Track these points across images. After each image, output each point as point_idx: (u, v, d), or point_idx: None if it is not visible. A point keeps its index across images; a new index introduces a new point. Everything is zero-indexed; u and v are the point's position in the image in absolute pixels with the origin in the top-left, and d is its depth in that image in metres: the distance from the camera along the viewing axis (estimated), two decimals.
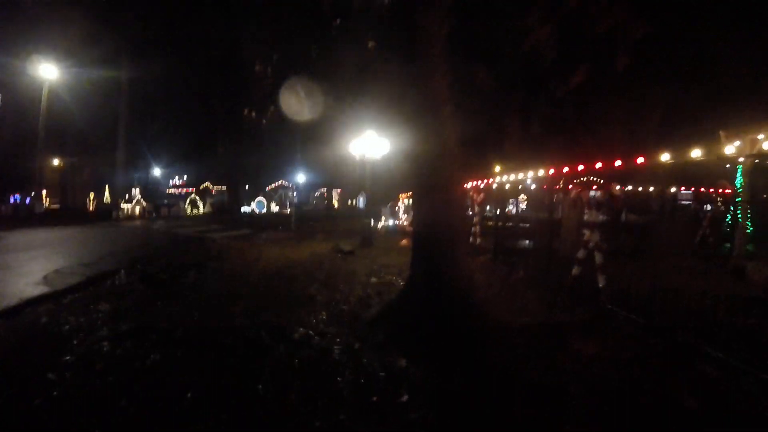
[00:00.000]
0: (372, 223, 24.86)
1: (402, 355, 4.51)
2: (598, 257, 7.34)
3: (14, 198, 43.16)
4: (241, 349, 4.96)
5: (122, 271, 9.98)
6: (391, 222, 23.79)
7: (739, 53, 14.41)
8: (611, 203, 7.92)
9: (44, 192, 43.92)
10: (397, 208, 24.83)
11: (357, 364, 4.42)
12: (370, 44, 10.89)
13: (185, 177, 63.07)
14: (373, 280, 8.58)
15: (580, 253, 7.75)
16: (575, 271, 7.87)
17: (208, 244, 14.90)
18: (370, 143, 13.78)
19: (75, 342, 5.39)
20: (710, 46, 14.38)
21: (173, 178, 62.14)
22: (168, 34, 33.71)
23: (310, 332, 5.40)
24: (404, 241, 16.90)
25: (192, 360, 4.73)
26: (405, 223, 23.69)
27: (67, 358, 4.87)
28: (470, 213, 14.00)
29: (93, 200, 41.01)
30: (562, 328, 5.85)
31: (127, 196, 35.58)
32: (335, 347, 4.87)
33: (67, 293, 7.89)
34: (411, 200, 26.30)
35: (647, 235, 13.35)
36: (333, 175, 54.06)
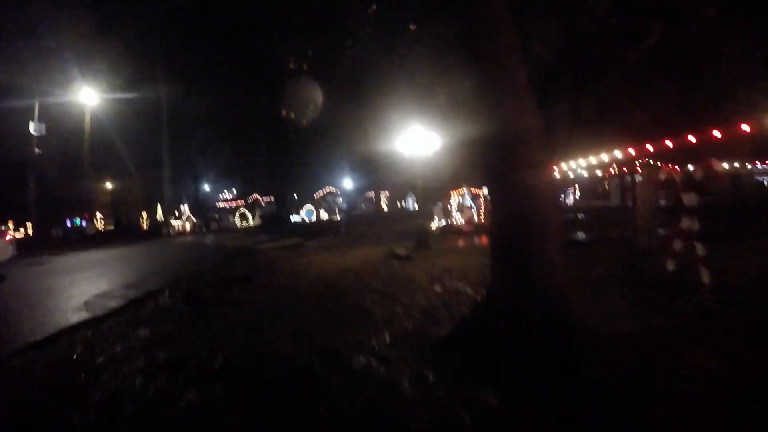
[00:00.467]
0: (425, 224, 24.13)
1: (488, 388, 3.55)
2: (699, 248, 6.19)
3: (71, 221, 45.00)
4: (289, 383, 4.15)
5: (166, 290, 9.48)
6: (443, 221, 22.76)
7: None
8: (704, 183, 6.71)
9: (98, 214, 45.47)
10: (449, 206, 23.76)
11: (433, 402, 3.50)
12: (411, 27, 10.00)
13: (234, 191, 63.96)
14: (437, 288, 7.63)
15: (677, 245, 6.60)
16: (671, 265, 6.72)
17: (256, 256, 14.36)
18: (418, 138, 12.86)
19: (107, 376, 4.78)
20: None
21: (222, 192, 63.12)
22: (203, 47, 34.08)
23: (371, 358, 4.52)
24: (461, 241, 15.91)
25: (231, 399, 3.95)
26: (460, 221, 22.65)
27: (96, 395, 4.27)
28: None
29: (146, 219, 41.92)
30: (668, 336, 4.79)
31: (176, 212, 35.89)
32: (403, 379, 3.97)
33: (106, 319, 7.42)
34: (462, 197, 25.30)
35: (722, 217, 12.00)
36: (380, 177, 53.37)
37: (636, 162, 10.40)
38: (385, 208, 58.00)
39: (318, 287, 8.53)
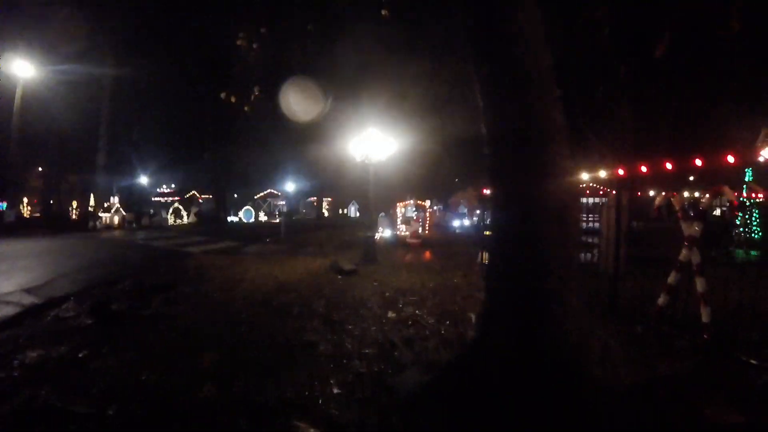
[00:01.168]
0: (366, 233, 23.07)
1: None
2: (700, 284, 5.42)
3: None
4: None
5: (72, 298, 8.02)
6: (388, 232, 21.78)
7: None
8: (706, 211, 5.98)
9: (25, 200, 41.83)
10: (395, 217, 22.84)
11: None
12: (384, 12, 8.97)
13: (173, 185, 61.02)
14: (391, 314, 6.56)
15: (672, 278, 5.81)
16: (662, 300, 5.93)
17: (185, 260, 12.83)
18: (374, 143, 11.80)
19: None
20: None
21: (161, 186, 60.13)
22: (151, 27, 32.04)
23: (317, 423, 3.37)
24: (409, 255, 14.95)
25: None
26: (405, 233, 21.73)
27: None
28: None
29: (77, 209, 38.86)
30: (680, 386, 4.00)
31: (105, 204, 33.38)
32: None
33: None
34: (407, 209, 24.45)
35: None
36: (323, 183, 52.08)
37: (607, 184, 9.78)
38: (327, 214, 56.71)
39: (252, 306, 7.28)
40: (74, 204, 40.33)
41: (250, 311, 6.88)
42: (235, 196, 54.10)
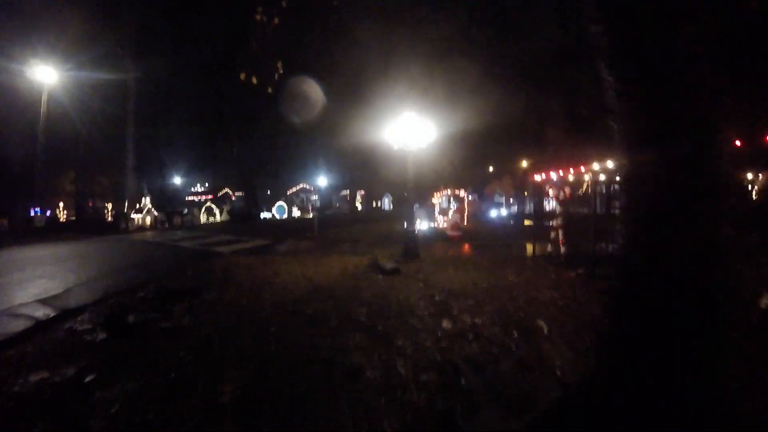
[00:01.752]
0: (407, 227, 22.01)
1: None
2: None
3: (35, 211, 41.97)
4: None
5: (88, 309, 7.29)
6: (426, 225, 20.74)
7: None
8: None
9: (61, 204, 42.29)
10: (433, 207, 21.74)
11: None
12: None
13: (206, 184, 61.20)
14: (446, 324, 5.55)
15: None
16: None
17: (213, 262, 12.04)
18: (412, 129, 10.75)
19: None
20: None
21: (195, 185, 60.32)
22: (172, 28, 31.77)
23: None
24: (451, 250, 13.91)
25: None
26: (444, 225, 20.63)
27: None
28: (548, 210, 11.04)
29: (111, 210, 39.01)
30: None
31: (137, 205, 33.23)
32: None
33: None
34: (443, 199, 23.33)
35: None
36: (356, 175, 51.28)
37: None
38: (360, 208, 55.90)
39: (282, 315, 6.36)
40: (109, 206, 40.51)
41: (280, 322, 5.96)
42: (268, 192, 53.71)
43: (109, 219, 35.35)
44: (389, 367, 4.27)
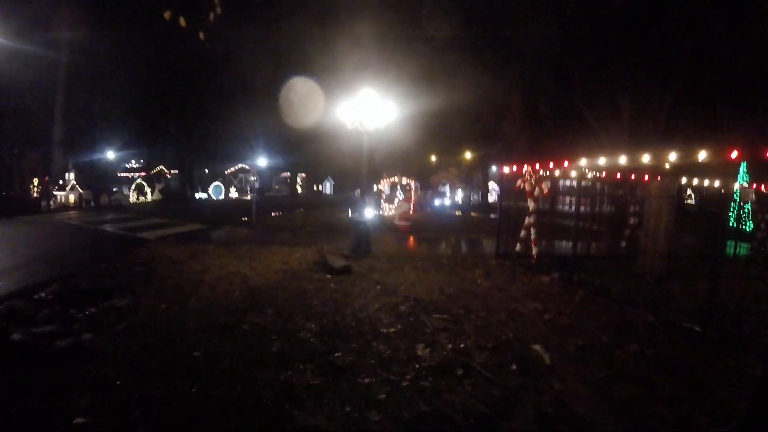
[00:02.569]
0: (350, 215, 20.70)
1: None
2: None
3: None
4: None
5: None
6: (371, 213, 19.49)
7: None
8: None
9: None
10: (379, 195, 20.55)
11: None
12: None
13: (142, 161, 57.68)
14: (422, 351, 4.36)
15: None
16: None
17: (136, 251, 10.37)
18: (371, 108, 9.46)
19: None
20: None
21: (130, 162, 56.72)
22: None
23: None
24: (405, 244, 12.82)
25: None
26: (391, 214, 19.53)
27: None
28: (523, 206, 10.10)
29: (38, 186, 35.77)
30: None
31: (61, 182, 30.41)
32: None
33: None
34: (391, 186, 22.20)
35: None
36: (297, 158, 49.39)
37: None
38: (301, 191, 54.14)
39: (210, 330, 5.01)
40: (35, 182, 37.20)
41: (208, 343, 4.60)
42: (206, 171, 50.96)
43: (36, 196, 32.45)
44: (360, 429, 3.03)
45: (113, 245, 11.85)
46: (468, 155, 41.03)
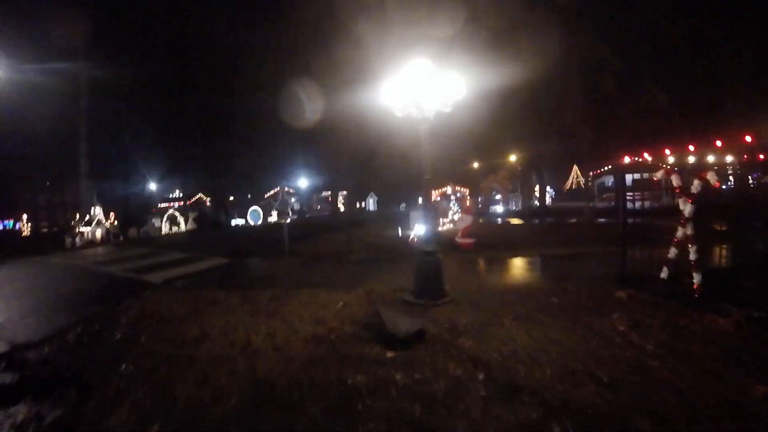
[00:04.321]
0: (401, 233, 17.70)
1: None
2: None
3: (3, 224, 40.69)
4: None
5: None
6: (423, 230, 16.23)
7: None
8: None
9: (24, 216, 38.12)
10: (437, 206, 17.27)
11: None
12: None
13: (183, 190, 56.74)
14: None
15: None
16: None
17: (127, 305, 7.72)
18: (427, 83, 6.41)
19: None
20: None
21: (173, 191, 55.90)
22: (127, 21, 27.88)
23: None
24: (484, 274, 9.72)
25: None
26: (449, 227, 16.38)
27: None
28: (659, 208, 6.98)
29: (77, 222, 34.69)
30: None
31: (87, 216, 28.57)
32: None
33: None
34: (445, 198, 18.98)
35: None
36: (338, 175, 46.93)
37: None
38: (343, 209, 51.50)
39: None
40: (76, 217, 36.22)
41: None
42: (249, 196, 49.10)
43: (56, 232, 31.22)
44: None
45: (108, 294, 9.24)
46: (513, 158, 37.59)
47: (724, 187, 6.26)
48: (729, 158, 6.57)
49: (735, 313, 5.42)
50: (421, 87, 6.41)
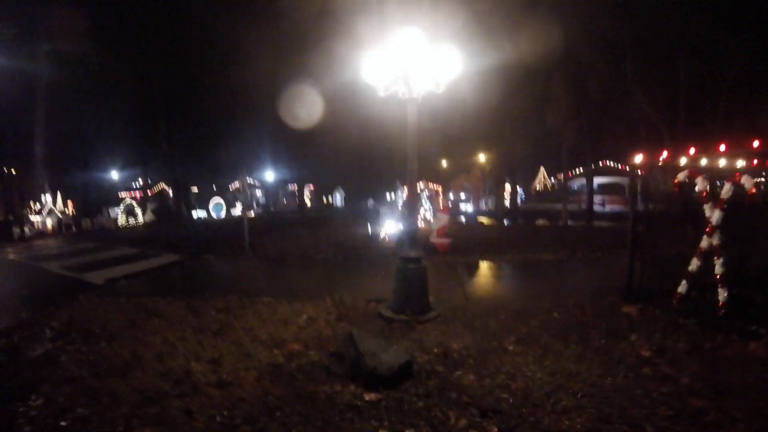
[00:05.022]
0: (371, 232, 16.49)
1: None
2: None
3: None
4: None
5: None
6: (392, 228, 15.04)
7: None
8: None
9: None
10: (403, 202, 16.05)
11: None
12: None
13: (148, 180, 54.37)
14: None
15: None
16: None
17: (55, 313, 6.53)
18: (417, 58, 5.32)
19: None
20: None
21: (136, 180, 53.52)
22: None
23: None
24: (469, 282, 8.73)
25: None
26: (426, 226, 15.30)
27: None
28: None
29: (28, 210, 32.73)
30: None
31: (37, 205, 26.81)
32: None
33: None
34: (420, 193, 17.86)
35: None
36: (303, 168, 45.50)
37: None
38: (309, 204, 50.04)
39: None
40: (32, 206, 34.26)
41: None
42: (214, 187, 47.21)
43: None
44: None
45: (39, 297, 8.01)
46: (482, 157, 36.86)
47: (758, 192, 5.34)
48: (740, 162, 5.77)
49: (765, 336, 4.62)
50: (410, 61, 5.33)
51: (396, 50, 5.38)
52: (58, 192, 28.23)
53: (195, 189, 43.03)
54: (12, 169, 33.00)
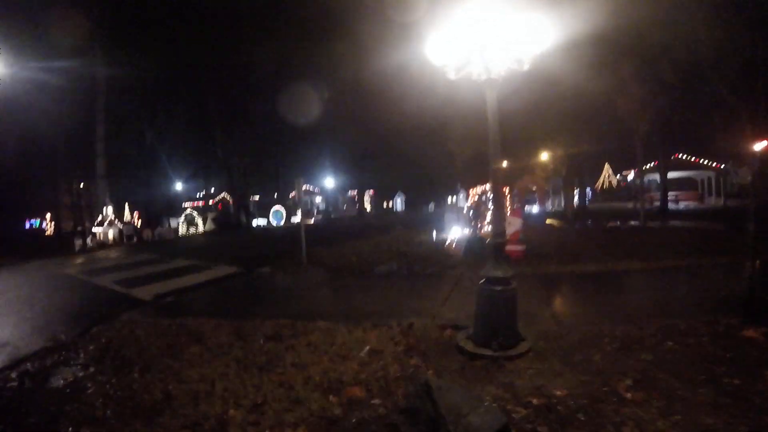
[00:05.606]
0: (435, 238, 15.45)
1: None
2: None
3: (30, 223, 40.39)
4: None
5: None
6: (459, 234, 13.95)
7: None
8: None
9: (48, 215, 38.02)
10: (481, 207, 14.85)
11: None
12: None
13: (212, 189, 55.66)
14: None
15: None
16: None
17: (94, 335, 6.09)
18: (496, 30, 4.31)
19: None
20: None
21: (201, 191, 54.90)
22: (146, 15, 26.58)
23: None
24: (559, 303, 7.61)
25: None
26: (488, 231, 14.06)
27: None
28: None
29: (89, 222, 34.23)
30: None
31: (99, 217, 27.30)
32: None
33: None
34: (483, 197, 16.69)
35: None
36: (364, 174, 45.04)
37: None
38: (369, 210, 49.42)
39: None
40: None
41: None
42: (275, 196, 47.57)
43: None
44: None
45: (83, 314, 7.70)
46: (545, 156, 34.89)
47: None
48: None
49: None
50: (488, 35, 4.32)
51: (470, 24, 4.38)
52: (126, 204, 28.77)
53: (256, 197, 43.39)
54: (81, 183, 34.17)
